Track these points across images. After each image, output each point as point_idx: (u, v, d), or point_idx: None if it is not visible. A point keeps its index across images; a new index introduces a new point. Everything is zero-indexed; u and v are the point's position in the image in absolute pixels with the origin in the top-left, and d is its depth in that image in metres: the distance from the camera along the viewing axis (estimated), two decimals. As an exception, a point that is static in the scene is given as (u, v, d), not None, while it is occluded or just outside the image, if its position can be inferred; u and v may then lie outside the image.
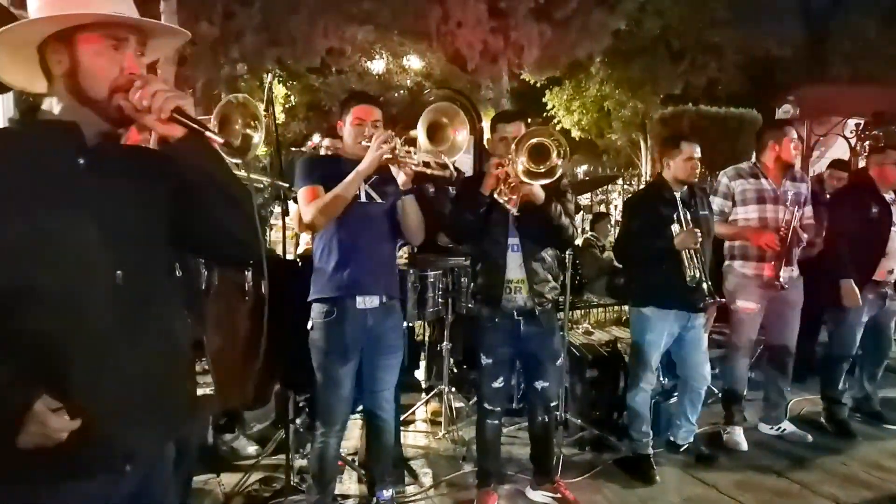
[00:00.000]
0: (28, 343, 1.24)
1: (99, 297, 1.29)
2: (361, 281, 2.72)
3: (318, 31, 7.93)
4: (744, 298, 3.82)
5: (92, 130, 1.34)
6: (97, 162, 1.33)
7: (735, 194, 3.83)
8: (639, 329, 3.54)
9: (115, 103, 1.30)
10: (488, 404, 3.11)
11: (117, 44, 1.31)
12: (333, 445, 2.83)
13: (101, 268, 1.30)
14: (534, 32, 7.86)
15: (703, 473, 3.55)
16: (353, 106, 2.79)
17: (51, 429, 1.20)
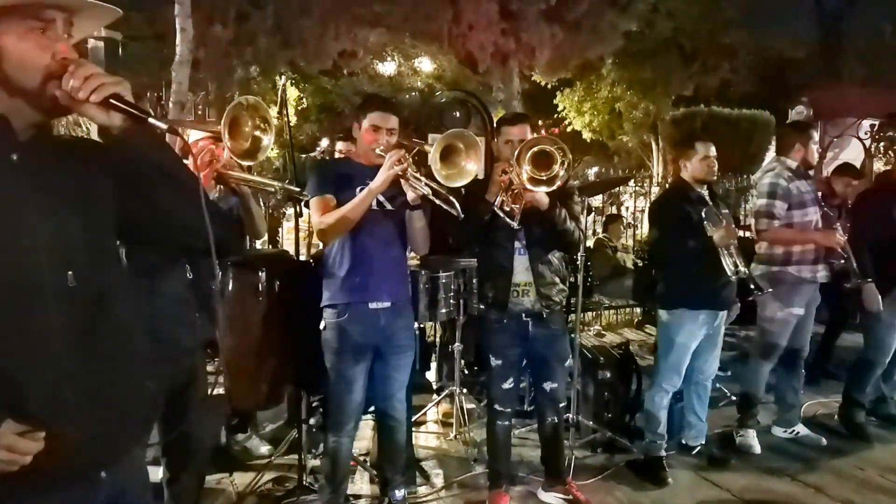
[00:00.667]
0: None
1: (50, 301, 1.19)
2: (373, 286, 2.74)
3: (330, 33, 7.98)
4: (796, 304, 3.74)
5: (22, 123, 1.23)
6: (32, 157, 1.22)
7: (793, 196, 3.71)
8: (669, 331, 3.51)
9: (49, 92, 1.20)
10: (499, 405, 3.12)
11: (44, 26, 1.20)
12: (346, 445, 2.85)
13: (49, 270, 1.20)
14: (545, 34, 7.85)
15: (716, 476, 3.53)
16: (370, 112, 2.79)
17: (20, 453, 1.12)
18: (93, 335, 1.26)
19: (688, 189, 3.48)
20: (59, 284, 1.21)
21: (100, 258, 1.31)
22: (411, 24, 8.43)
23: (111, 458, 1.31)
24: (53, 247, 1.21)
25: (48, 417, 1.16)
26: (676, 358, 3.49)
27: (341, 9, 8.07)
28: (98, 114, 1.20)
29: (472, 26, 7.62)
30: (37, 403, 1.17)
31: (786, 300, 3.72)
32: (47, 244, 1.20)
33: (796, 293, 3.73)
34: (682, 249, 3.39)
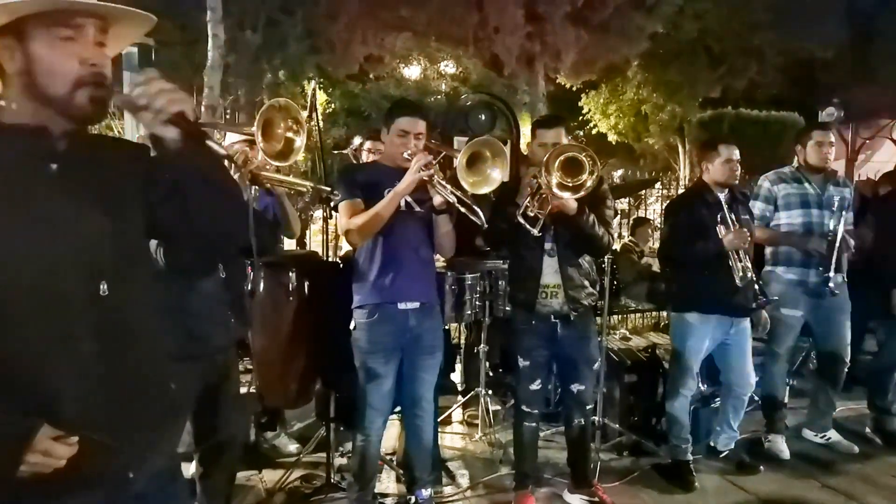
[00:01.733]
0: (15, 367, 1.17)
1: (83, 310, 1.22)
2: (402, 287, 2.77)
3: (357, 38, 8.07)
4: (788, 306, 3.74)
5: (58, 131, 1.24)
6: (69, 166, 1.23)
7: (778, 198, 3.77)
8: (680, 335, 3.51)
9: (79, 100, 1.20)
10: (525, 406, 3.13)
11: (73, 33, 1.20)
12: (374, 444, 2.89)
13: (83, 280, 1.22)
14: (570, 36, 7.83)
15: (744, 481, 3.50)
16: (398, 116, 2.82)
17: (55, 457, 1.15)
18: (121, 342, 1.28)
19: (705, 191, 3.46)
20: (92, 294, 1.23)
21: (131, 267, 1.32)
22: (437, 28, 8.48)
23: (138, 459, 1.33)
24: (87, 257, 1.23)
25: (78, 422, 1.19)
26: (688, 362, 3.47)
27: (368, 14, 8.15)
28: (157, 125, 1.21)
29: (498, 29, 7.64)
30: (68, 409, 1.19)
31: (781, 301, 3.73)
32: (82, 254, 1.22)
33: (787, 294, 3.73)
34: (690, 252, 3.37)
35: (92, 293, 1.22)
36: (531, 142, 3.13)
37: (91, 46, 1.22)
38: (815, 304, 3.73)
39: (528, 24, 7.72)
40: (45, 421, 1.15)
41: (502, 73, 8.93)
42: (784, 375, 3.90)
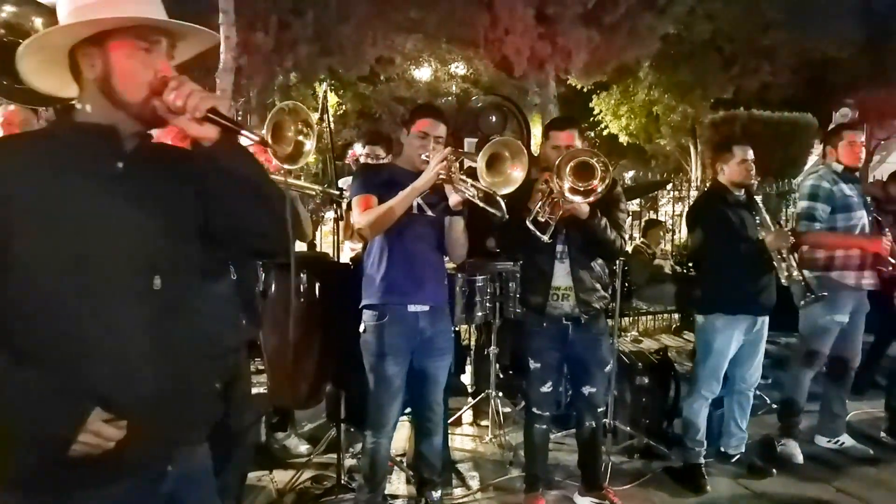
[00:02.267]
0: (70, 350, 1.25)
1: (137, 302, 1.29)
2: (412, 288, 2.77)
3: (368, 40, 8.09)
4: (839, 311, 3.66)
5: (127, 132, 1.34)
6: (134, 166, 1.33)
7: (837, 199, 3.64)
8: (706, 337, 3.47)
9: (150, 105, 1.30)
10: (536, 409, 3.12)
11: (149, 46, 1.31)
12: (385, 446, 2.88)
13: (138, 273, 1.30)
14: (581, 38, 7.81)
15: (756, 485, 3.47)
16: (419, 118, 2.82)
17: (104, 438, 1.23)
18: (170, 336, 1.35)
19: (725, 192, 3.45)
20: (146, 287, 1.31)
21: (183, 264, 1.40)
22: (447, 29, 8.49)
23: (179, 453, 1.40)
24: (144, 252, 1.31)
25: (127, 411, 1.27)
26: (714, 364, 3.44)
27: (379, 16, 8.17)
28: (194, 127, 1.29)
29: (509, 31, 7.63)
30: (118, 397, 1.27)
31: (828, 306, 3.62)
32: (139, 249, 1.31)
33: (839, 299, 3.64)
34: (717, 253, 3.35)
35: (146, 286, 1.31)
36: (544, 143, 3.12)
37: (163, 59, 1.33)
38: (856, 306, 3.69)
39: (538, 26, 7.71)
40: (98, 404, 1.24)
41: (513, 74, 8.91)
42: (809, 381, 3.83)
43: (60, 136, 1.34)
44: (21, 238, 1.22)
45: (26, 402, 1.23)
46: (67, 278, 1.24)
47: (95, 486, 1.28)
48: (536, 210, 2.79)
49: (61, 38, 1.30)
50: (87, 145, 1.31)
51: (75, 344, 1.25)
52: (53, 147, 1.32)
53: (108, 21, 1.26)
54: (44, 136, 1.37)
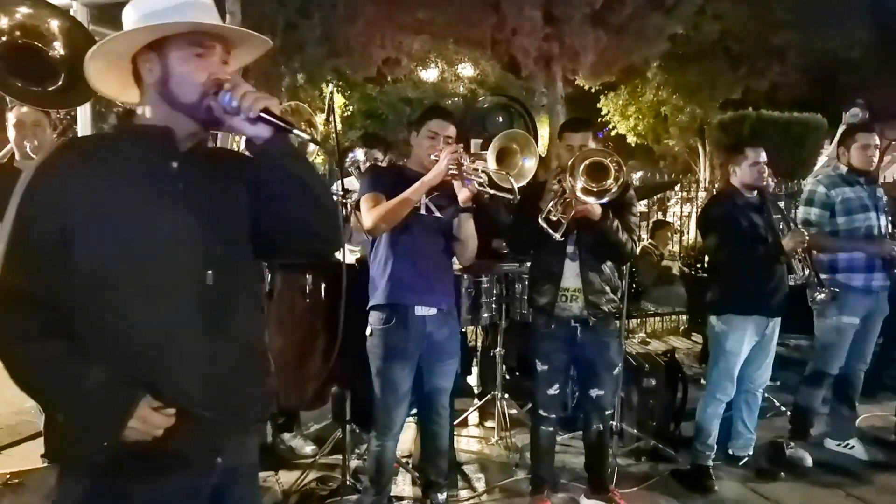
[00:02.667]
0: (124, 341, 1.32)
1: (189, 296, 1.36)
2: (419, 290, 2.75)
3: (376, 41, 8.10)
4: (848, 313, 3.63)
5: (183, 133, 1.41)
6: (188, 165, 1.40)
7: (836, 203, 3.64)
8: (719, 338, 3.45)
9: (205, 106, 1.36)
10: (543, 411, 3.10)
11: (204, 52, 1.38)
12: (391, 448, 2.88)
13: (192, 268, 1.37)
14: (589, 38, 7.78)
15: (765, 488, 3.45)
16: (429, 119, 2.83)
17: (152, 425, 1.29)
18: (223, 331, 1.40)
19: (736, 195, 3.43)
20: (199, 281, 1.37)
21: (235, 261, 1.45)
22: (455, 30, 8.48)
23: (228, 446, 1.44)
24: (197, 248, 1.37)
25: (177, 401, 1.32)
26: (727, 366, 3.41)
27: (386, 17, 8.16)
28: (248, 126, 1.34)
29: (516, 31, 7.61)
30: (168, 387, 1.33)
31: (837, 308, 3.61)
32: (192, 245, 1.37)
33: (847, 301, 3.61)
34: (729, 255, 3.34)
35: (199, 281, 1.36)
36: (557, 144, 3.11)
37: (217, 63, 1.40)
38: (869, 308, 3.66)
39: (545, 26, 7.68)
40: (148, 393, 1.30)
41: (520, 75, 8.90)
42: (826, 386, 3.79)
43: (121, 138, 1.43)
44: (81, 234, 1.29)
45: (82, 390, 1.28)
46: (123, 272, 1.31)
47: (152, 474, 1.33)
48: (549, 209, 2.78)
49: (124, 44, 1.37)
50: (145, 146, 1.39)
51: (129, 334, 1.32)
52: (113, 148, 1.41)
53: (165, 27, 1.34)
54: (106, 139, 1.49)
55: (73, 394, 1.28)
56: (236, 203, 1.45)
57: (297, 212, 1.40)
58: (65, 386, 1.29)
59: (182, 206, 1.37)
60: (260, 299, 1.62)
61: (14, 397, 4.41)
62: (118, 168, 1.35)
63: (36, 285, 1.29)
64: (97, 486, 1.33)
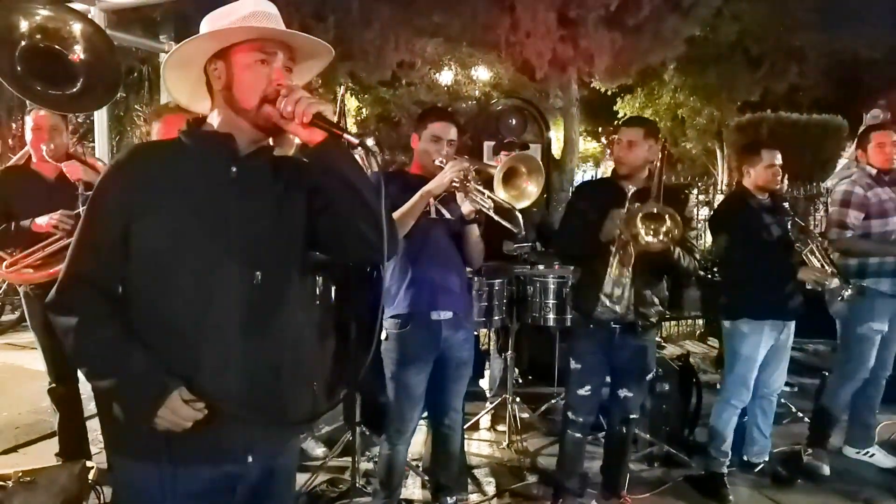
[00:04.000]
0: (169, 334, 1.39)
1: (238, 295, 1.42)
2: (434, 297, 2.72)
3: (390, 44, 8.09)
4: (877, 320, 3.54)
5: (245, 140, 1.48)
6: (247, 170, 1.46)
7: (871, 205, 3.53)
8: (734, 343, 3.39)
9: (264, 112, 1.42)
10: (572, 413, 3.05)
11: (266, 58, 1.43)
12: (402, 453, 2.86)
13: (242, 268, 1.42)
14: (604, 40, 7.71)
15: (780, 496, 3.39)
16: (430, 122, 2.79)
17: (180, 417, 1.34)
18: (268, 331, 1.45)
19: (748, 196, 3.38)
20: (247, 281, 1.43)
21: (286, 265, 1.51)
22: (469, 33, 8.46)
23: (259, 445, 1.47)
24: (248, 249, 1.43)
25: (212, 396, 1.38)
26: (742, 371, 3.36)
27: (402, 20, 8.16)
28: (302, 131, 1.40)
29: (530, 34, 7.55)
30: (206, 382, 1.38)
31: (865, 314, 3.52)
32: (244, 246, 1.43)
33: (875, 307, 3.51)
34: (742, 258, 3.29)
35: (247, 280, 1.42)
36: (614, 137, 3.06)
37: (279, 70, 1.45)
38: (893, 313, 3.57)
39: (560, 29, 7.62)
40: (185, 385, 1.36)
41: (534, 77, 8.85)
42: (850, 393, 3.70)
43: (187, 144, 1.49)
44: (140, 230, 1.39)
45: (126, 373, 1.36)
46: (174, 268, 1.39)
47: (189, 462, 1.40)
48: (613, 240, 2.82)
49: (193, 51, 1.45)
50: (207, 152, 1.47)
51: (175, 327, 1.39)
52: (179, 153, 1.48)
53: (224, 32, 1.42)
54: (173, 144, 1.52)
55: (118, 375, 1.37)
56: (293, 208, 1.50)
57: (348, 216, 1.45)
58: (112, 366, 1.38)
59: (237, 210, 1.43)
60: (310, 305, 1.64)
61: (31, 396, 4.48)
62: (181, 172, 1.43)
63: (100, 272, 1.42)
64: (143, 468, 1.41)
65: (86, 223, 1.43)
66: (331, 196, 1.45)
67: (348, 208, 1.44)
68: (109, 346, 1.39)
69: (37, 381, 4.90)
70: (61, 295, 1.43)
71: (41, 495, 2.47)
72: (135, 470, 1.44)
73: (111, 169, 1.48)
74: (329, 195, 1.45)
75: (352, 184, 1.43)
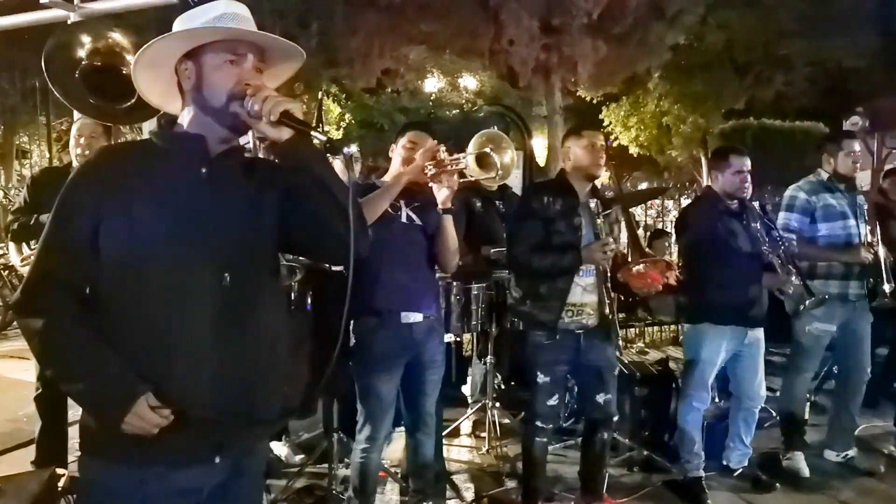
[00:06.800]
0: (138, 335, 1.38)
1: (206, 296, 1.40)
2: (404, 299, 2.72)
3: (375, 51, 8.12)
4: (824, 320, 3.60)
5: (215, 140, 1.47)
6: (218, 171, 1.46)
7: (817, 210, 3.62)
8: (693, 346, 3.43)
9: (232, 111, 1.43)
10: (541, 422, 3.03)
11: (236, 59, 1.44)
12: (375, 459, 2.83)
13: (210, 270, 1.41)
14: (588, 48, 7.76)
15: (760, 500, 3.39)
16: (407, 131, 2.85)
17: (147, 423, 1.33)
18: (238, 333, 1.44)
19: (716, 201, 3.39)
20: (216, 283, 1.41)
21: (256, 266, 1.50)
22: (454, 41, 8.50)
23: (227, 447, 1.46)
24: (217, 250, 1.42)
25: (179, 400, 1.37)
26: (701, 374, 3.38)
27: (388, 28, 8.19)
28: (270, 129, 1.40)
29: (514, 41, 7.61)
30: (174, 387, 1.37)
31: (814, 315, 3.57)
32: (213, 247, 1.42)
33: (823, 308, 3.55)
34: (705, 262, 3.29)
35: (216, 282, 1.41)
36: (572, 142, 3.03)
37: (249, 70, 1.46)
38: (847, 317, 3.61)
39: (543, 36, 7.67)
40: (153, 390, 1.35)
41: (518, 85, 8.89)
42: (806, 392, 3.78)
43: (157, 145, 1.49)
44: (108, 232, 1.38)
45: (94, 377, 1.36)
46: (143, 270, 1.38)
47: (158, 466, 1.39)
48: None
49: (163, 51, 1.45)
50: (178, 152, 1.47)
51: (143, 330, 1.38)
52: (148, 154, 1.48)
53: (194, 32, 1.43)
54: (143, 145, 1.54)
55: (85, 379, 1.36)
56: (264, 209, 1.49)
57: (320, 215, 1.45)
58: (80, 370, 1.37)
59: (207, 210, 1.43)
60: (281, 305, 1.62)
61: (9, 404, 4.43)
62: (150, 172, 1.42)
63: (68, 273, 1.40)
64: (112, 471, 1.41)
65: (54, 224, 1.42)
66: (301, 195, 1.45)
67: (319, 207, 1.44)
68: (77, 350, 1.38)
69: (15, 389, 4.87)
70: (27, 296, 1.41)
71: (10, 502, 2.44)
72: (102, 472, 1.43)
73: (80, 169, 1.47)
74: (300, 194, 1.45)
75: (321, 182, 1.43)
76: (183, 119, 1.50)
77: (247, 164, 1.56)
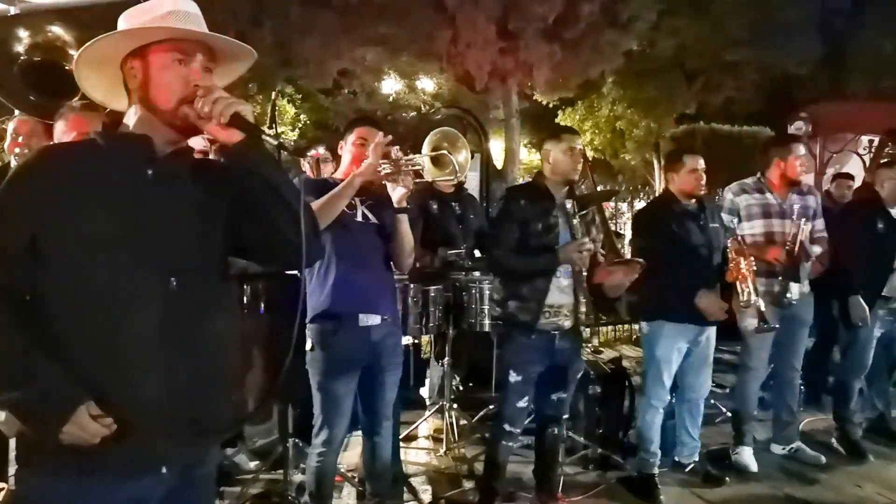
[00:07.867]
0: (82, 342, 1.33)
1: (152, 301, 1.36)
2: (362, 299, 2.68)
3: (332, 52, 8.05)
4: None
5: (162, 140, 1.43)
6: (164, 172, 1.42)
7: (740, 209, 3.78)
8: (650, 344, 3.49)
9: (182, 112, 1.39)
10: (509, 425, 3.03)
11: (184, 59, 1.41)
12: (332, 463, 2.79)
13: (156, 274, 1.37)
14: (543, 53, 7.87)
15: (710, 494, 3.48)
16: (357, 126, 2.79)
17: (87, 433, 1.29)
18: (186, 339, 1.40)
19: (672, 201, 3.48)
20: (162, 287, 1.37)
21: (204, 270, 1.46)
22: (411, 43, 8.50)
23: (174, 456, 1.42)
24: (164, 253, 1.38)
25: (123, 409, 1.32)
26: (657, 372, 3.45)
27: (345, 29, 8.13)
28: (220, 132, 1.37)
29: (470, 45, 7.66)
30: (116, 394, 1.33)
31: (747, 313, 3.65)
32: (159, 250, 1.38)
33: None
34: (661, 261, 3.35)
35: (162, 287, 1.37)
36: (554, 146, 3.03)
37: (198, 71, 1.42)
38: (779, 314, 3.71)
39: (500, 41, 7.75)
40: (94, 399, 1.30)
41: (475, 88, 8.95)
42: (757, 389, 3.88)
43: (101, 145, 1.43)
44: (49, 236, 1.33)
45: (32, 387, 1.30)
46: (86, 275, 1.33)
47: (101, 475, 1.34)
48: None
49: (107, 49, 1.41)
50: (123, 153, 1.41)
51: (87, 337, 1.33)
52: (92, 154, 1.42)
53: (138, 31, 1.39)
54: (85, 145, 1.47)
55: (22, 388, 1.30)
56: (212, 212, 1.46)
57: (270, 219, 1.41)
58: (16, 379, 1.31)
59: (152, 213, 1.38)
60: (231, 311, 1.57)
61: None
62: (94, 174, 1.37)
63: (5, 279, 1.34)
64: (52, 484, 1.35)
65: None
66: (251, 198, 1.41)
67: (270, 211, 1.40)
68: (13, 358, 1.32)
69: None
70: None
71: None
72: (42, 485, 1.36)
73: (18, 170, 1.40)
74: (249, 197, 1.42)
75: (272, 186, 1.40)
76: (129, 118, 1.45)
77: (195, 165, 1.52)
